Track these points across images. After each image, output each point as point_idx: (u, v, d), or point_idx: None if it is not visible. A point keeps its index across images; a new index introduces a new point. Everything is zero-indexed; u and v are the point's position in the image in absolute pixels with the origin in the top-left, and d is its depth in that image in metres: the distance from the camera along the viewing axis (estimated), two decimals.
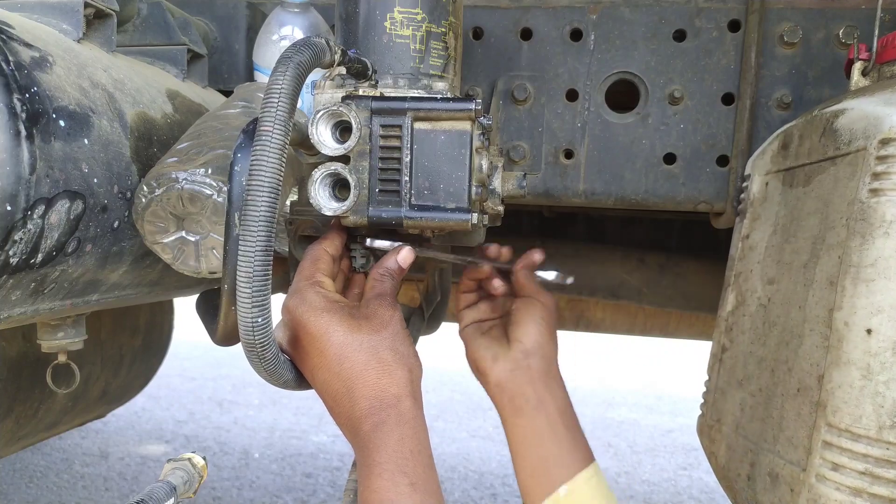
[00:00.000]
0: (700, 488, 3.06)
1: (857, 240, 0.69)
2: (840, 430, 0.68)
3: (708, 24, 1.06)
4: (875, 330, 0.67)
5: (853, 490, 0.67)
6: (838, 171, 0.75)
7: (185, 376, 4.39)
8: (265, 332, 0.65)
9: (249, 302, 0.63)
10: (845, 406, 0.68)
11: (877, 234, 0.67)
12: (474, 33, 1.12)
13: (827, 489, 0.69)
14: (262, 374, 0.69)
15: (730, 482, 0.89)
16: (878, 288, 0.67)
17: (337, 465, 3.15)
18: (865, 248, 0.68)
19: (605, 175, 1.11)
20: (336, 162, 0.74)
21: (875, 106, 0.73)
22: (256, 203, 0.62)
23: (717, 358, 0.97)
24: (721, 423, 0.93)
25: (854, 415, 0.68)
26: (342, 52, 0.72)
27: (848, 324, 0.69)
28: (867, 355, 0.67)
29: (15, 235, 0.63)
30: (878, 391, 0.66)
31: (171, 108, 0.91)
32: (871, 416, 0.67)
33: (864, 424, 0.67)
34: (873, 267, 0.67)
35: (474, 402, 4.02)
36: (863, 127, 0.72)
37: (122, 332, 1.75)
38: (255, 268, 0.62)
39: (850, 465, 0.67)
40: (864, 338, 0.67)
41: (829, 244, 0.74)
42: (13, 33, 0.66)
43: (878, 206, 0.68)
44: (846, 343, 0.69)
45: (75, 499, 2.74)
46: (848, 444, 0.68)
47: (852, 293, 0.69)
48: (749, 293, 0.91)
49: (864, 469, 0.67)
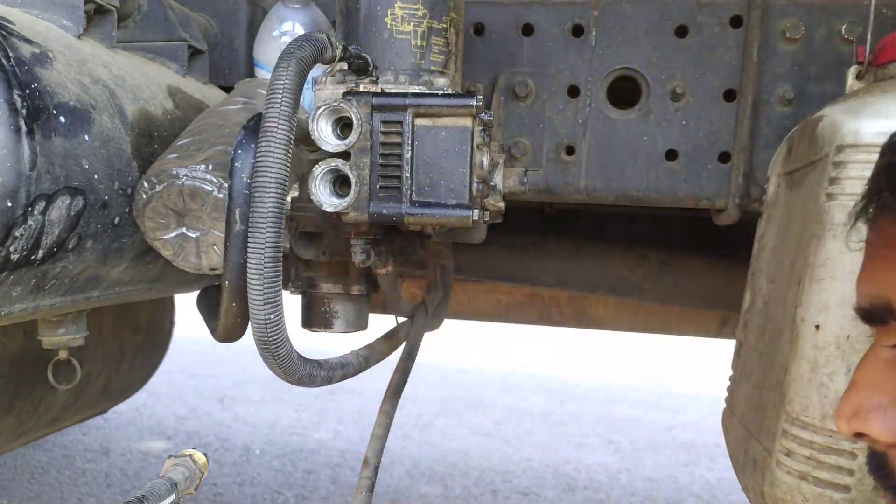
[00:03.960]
0: (701, 485, 3.06)
1: (815, 242, 0.74)
2: (793, 418, 0.73)
3: (710, 20, 1.06)
4: (822, 326, 0.72)
5: (800, 474, 0.72)
6: (816, 175, 0.78)
7: (187, 373, 4.39)
8: (278, 329, 0.65)
9: (261, 299, 0.62)
10: (797, 397, 0.73)
11: (828, 236, 0.72)
12: (475, 29, 1.12)
13: (781, 473, 0.74)
14: (276, 371, 0.69)
15: (736, 468, 0.94)
16: (825, 286, 0.72)
17: (338, 461, 3.15)
18: (819, 249, 0.73)
19: (606, 171, 1.11)
20: (337, 158, 0.74)
21: (839, 113, 0.76)
22: (264, 200, 0.62)
23: (737, 353, 1.00)
24: (733, 414, 0.96)
25: (803, 404, 0.73)
26: (343, 48, 0.72)
27: (804, 320, 0.74)
28: (815, 349, 0.72)
29: (16, 232, 0.63)
30: (822, 382, 0.71)
31: (172, 104, 0.91)
32: (816, 405, 0.72)
33: (811, 413, 0.72)
34: (823, 267, 0.72)
35: (475, 398, 4.02)
36: (830, 134, 0.75)
37: (123, 328, 1.75)
38: (266, 265, 0.62)
39: (799, 450, 0.73)
40: (813, 333, 0.72)
41: (800, 245, 0.78)
42: (13, 29, 0.66)
43: (830, 210, 0.72)
44: (801, 338, 0.74)
45: (77, 495, 2.74)
46: (798, 432, 0.73)
47: (808, 291, 0.73)
48: (758, 291, 0.94)
49: (810, 455, 0.72)
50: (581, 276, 1.58)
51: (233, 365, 4.61)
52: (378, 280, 0.98)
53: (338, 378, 0.85)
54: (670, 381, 4.81)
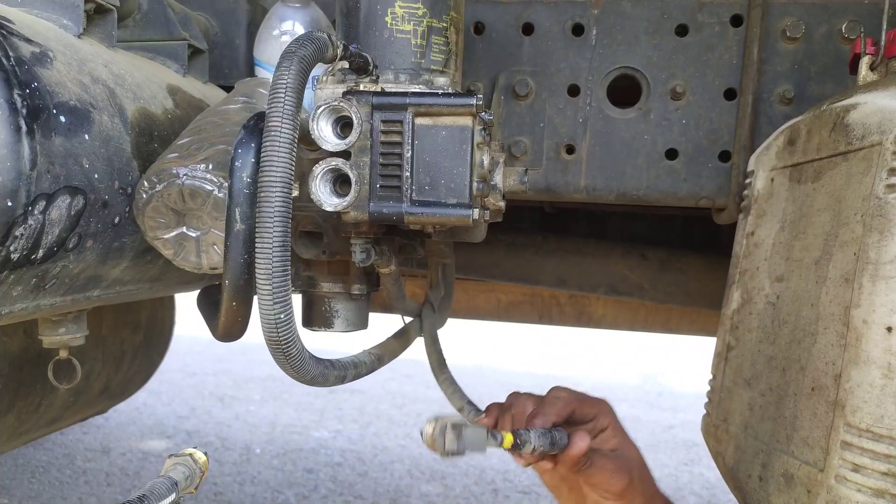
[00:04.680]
0: (701, 484, 3.06)
1: (875, 236, 0.67)
2: (860, 430, 0.67)
3: (710, 19, 1.06)
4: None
5: (875, 491, 0.65)
6: (851, 166, 0.73)
7: (187, 372, 4.39)
8: (289, 329, 0.64)
9: (271, 299, 0.62)
10: (865, 406, 0.66)
11: (895, 231, 0.66)
12: (475, 28, 1.12)
13: (848, 490, 0.67)
14: (287, 371, 0.68)
15: (739, 483, 0.88)
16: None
17: (338, 460, 3.15)
18: (884, 245, 0.67)
19: (606, 171, 1.11)
20: (337, 157, 0.73)
21: (890, 100, 0.71)
22: (270, 199, 0.62)
23: (723, 357, 0.96)
24: (728, 424, 0.92)
25: (875, 414, 0.66)
26: (344, 47, 0.72)
27: (867, 321, 0.67)
28: (888, 353, 0.65)
29: (16, 231, 0.63)
30: None
31: (172, 103, 0.91)
32: (893, 415, 0.65)
33: (887, 424, 0.65)
34: (892, 264, 0.66)
35: (475, 397, 4.02)
36: (877, 122, 0.70)
37: (124, 327, 1.75)
38: (275, 264, 0.62)
39: (872, 465, 0.66)
40: (884, 336, 0.66)
41: (842, 241, 0.73)
42: (13, 28, 0.66)
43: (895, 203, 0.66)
44: (865, 341, 0.67)
45: (77, 494, 2.74)
46: (869, 445, 0.66)
47: (871, 290, 0.67)
48: (756, 291, 0.90)
49: (887, 470, 0.65)
50: (581, 276, 1.58)
51: (233, 364, 4.61)
52: (381, 279, 0.98)
53: (350, 377, 0.85)
54: (670, 380, 4.81)
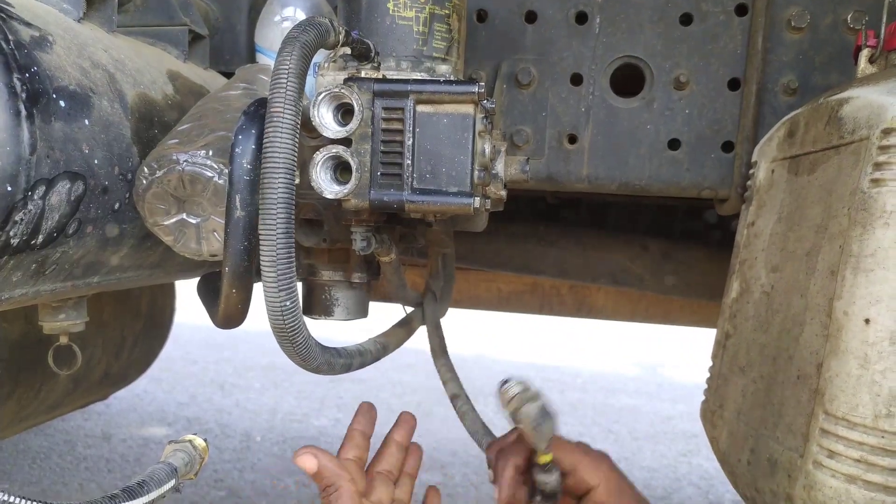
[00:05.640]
0: (700, 474, 3.07)
1: (858, 230, 0.69)
2: (837, 418, 0.69)
3: (715, 8, 1.05)
4: (873, 320, 0.67)
5: (848, 477, 0.68)
6: (842, 160, 0.74)
7: (187, 359, 4.40)
8: (295, 316, 0.64)
9: (276, 286, 0.62)
10: (842, 394, 0.69)
11: (877, 225, 0.68)
12: (478, 16, 1.11)
13: (823, 476, 0.70)
14: (294, 359, 0.68)
15: (731, 467, 0.89)
16: (877, 278, 0.67)
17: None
18: (866, 238, 0.68)
19: (608, 160, 1.10)
20: (338, 145, 0.73)
21: (879, 95, 0.72)
22: (274, 185, 0.61)
23: (721, 344, 0.97)
24: (723, 409, 0.93)
25: (850, 403, 0.68)
26: (346, 34, 0.71)
27: (847, 313, 0.69)
28: (865, 345, 0.68)
29: (15, 216, 0.63)
30: (874, 380, 0.67)
31: (172, 89, 0.91)
32: (867, 404, 0.67)
33: (861, 413, 0.67)
34: (873, 257, 0.68)
35: (475, 388, 4.02)
36: (866, 116, 0.71)
37: (124, 314, 1.75)
38: (279, 252, 0.62)
39: (846, 452, 0.68)
40: (862, 327, 0.68)
41: (831, 233, 0.74)
42: (13, 12, 0.66)
43: (878, 196, 0.68)
44: (845, 332, 0.69)
45: (78, 480, 2.75)
46: (844, 432, 0.68)
47: (852, 283, 0.69)
48: (753, 280, 0.91)
49: (860, 457, 0.67)
50: (582, 266, 1.58)
51: (233, 351, 4.63)
52: (382, 268, 0.98)
53: (356, 366, 0.85)
54: (669, 371, 4.82)
